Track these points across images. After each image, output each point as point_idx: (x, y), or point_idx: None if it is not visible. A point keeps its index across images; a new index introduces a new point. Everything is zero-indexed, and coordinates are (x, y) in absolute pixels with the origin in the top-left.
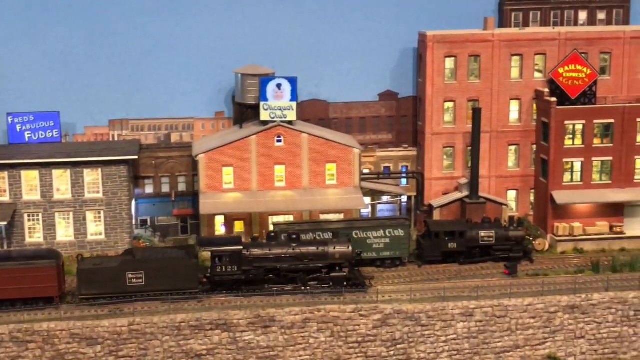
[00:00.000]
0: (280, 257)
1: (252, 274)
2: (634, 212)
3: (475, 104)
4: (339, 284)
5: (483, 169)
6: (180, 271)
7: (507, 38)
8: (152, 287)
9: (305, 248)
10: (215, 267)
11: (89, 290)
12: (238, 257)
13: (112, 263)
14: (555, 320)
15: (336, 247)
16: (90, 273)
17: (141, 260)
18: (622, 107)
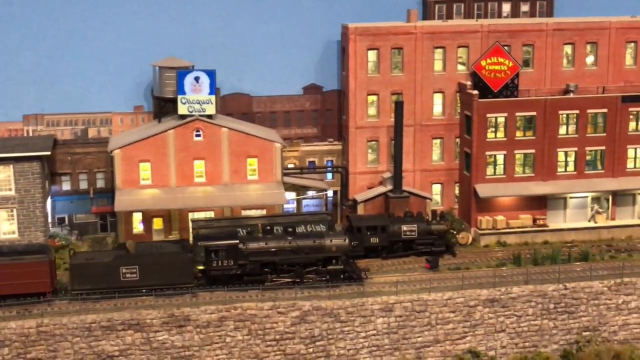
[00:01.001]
0: (276, 250)
1: (248, 268)
2: (557, 205)
3: (399, 97)
4: (335, 276)
5: (407, 162)
6: (175, 266)
7: (429, 30)
8: (146, 282)
9: (302, 241)
10: (212, 262)
11: (81, 285)
12: (234, 251)
13: (105, 257)
14: (475, 314)
15: (333, 240)
16: (83, 268)
17: (135, 254)
18: (544, 100)
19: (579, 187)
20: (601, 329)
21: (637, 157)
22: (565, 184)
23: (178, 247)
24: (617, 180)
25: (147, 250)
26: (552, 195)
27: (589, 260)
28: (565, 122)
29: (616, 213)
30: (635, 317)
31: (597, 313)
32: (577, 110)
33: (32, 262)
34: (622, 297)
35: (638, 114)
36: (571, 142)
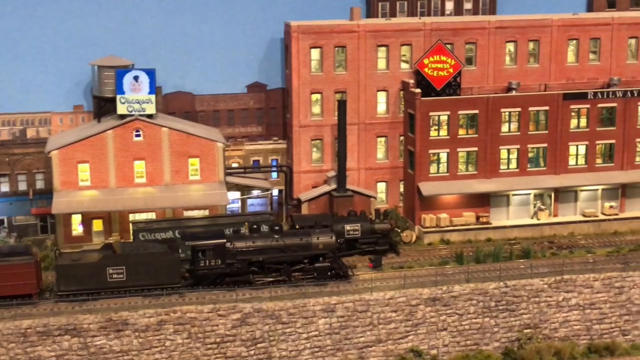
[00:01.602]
0: (264, 249)
1: (236, 267)
2: (500, 202)
3: (343, 95)
4: (323, 274)
5: (352, 161)
6: (162, 266)
7: (372, 28)
8: (133, 282)
9: (289, 239)
10: (199, 262)
11: (68, 287)
12: (222, 251)
13: (92, 258)
14: (417, 313)
15: (319, 238)
16: (69, 268)
17: (122, 255)
18: (486, 98)
19: (522, 184)
20: (542, 326)
21: (578, 154)
22: (507, 181)
23: (165, 247)
24: (559, 177)
25: (134, 251)
26: (494, 193)
27: (531, 257)
28: (507, 120)
29: (558, 210)
30: (575, 314)
31: (538, 310)
32: (519, 108)
33: (18, 264)
34: (563, 294)
35: (579, 111)
36: (513, 140)
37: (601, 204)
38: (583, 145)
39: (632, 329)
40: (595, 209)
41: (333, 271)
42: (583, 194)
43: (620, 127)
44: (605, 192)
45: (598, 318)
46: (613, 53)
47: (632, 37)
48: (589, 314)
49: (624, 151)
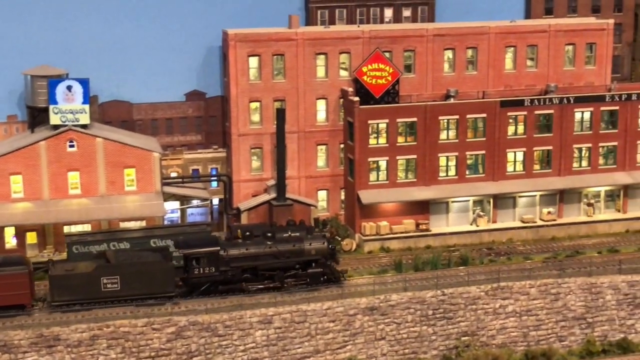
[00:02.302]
0: (257, 255)
1: (229, 275)
2: (439, 209)
3: (282, 103)
4: (315, 279)
5: (292, 169)
6: (156, 275)
7: (311, 36)
8: (127, 292)
9: (282, 245)
10: (193, 269)
11: (61, 297)
12: (215, 258)
13: (85, 268)
14: (355, 323)
15: (312, 243)
16: (63, 279)
17: (116, 264)
18: (424, 106)
19: (461, 191)
20: (479, 334)
21: (516, 161)
22: (447, 188)
23: (159, 256)
24: (497, 184)
25: (129, 260)
26: (434, 200)
27: (469, 264)
28: (446, 128)
29: (497, 216)
30: (512, 321)
31: (475, 318)
32: (457, 115)
33: (12, 274)
34: (499, 302)
35: (517, 118)
36: (452, 147)
37: (539, 210)
38: (521, 151)
39: (569, 335)
40: (533, 215)
41: (325, 276)
42: (521, 200)
43: (557, 133)
44: (543, 198)
45: (535, 324)
46: (550, 60)
47: (569, 43)
48: (526, 320)
49: (561, 157)
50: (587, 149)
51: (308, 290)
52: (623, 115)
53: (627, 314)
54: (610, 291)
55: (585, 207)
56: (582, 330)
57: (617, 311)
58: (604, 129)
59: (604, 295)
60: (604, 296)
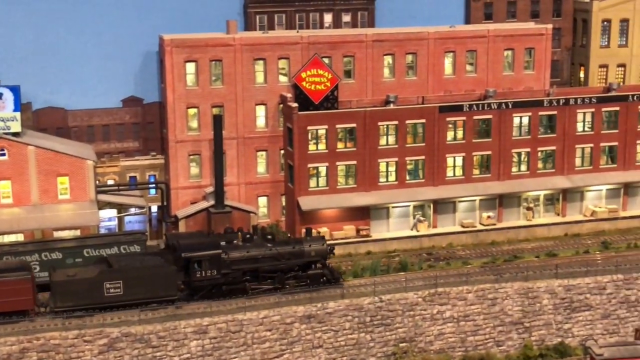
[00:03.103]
0: (258, 258)
1: (231, 277)
2: (380, 215)
3: (221, 109)
4: (316, 281)
5: (232, 176)
6: (159, 279)
7: (249, 42)
8: (130, 296)
9: (282, 247)
10: (195, 272)
11: (64, 303)
12: (217, 261)
13: (88, 273)
14: (292, 331)
15: (312, 245)
16: (66, 284)
17: (119, 269)
18: (363, 112)
19: (401, 196)
20: (417, 340)
21: (456, 166)
22: (387, 194)
23: (162, 260)
24: (437, 189)
25: (131, 264)
26: (374, 206)
27: (408, 270)
28: (385, 133)
29: (437, 221)
30: (450, 327)
31: (413, 324)
32: (396, 121)
33: (15, 280)
34: (437, 307)
35: (456, 123)
36: (392, 153)
37: (479, 214)
38: (460, 156)
39: (506, 340)
40: (473, 219)
41: (324, 278)
42: (461, 205)
43: (496, 138)
44: (483, 203)
45: (472, 330)
46: (490, 65)
47: (508, 48)
48: (464, 326)
49: (500, 162)
50: (526, 154)
51: (309, 290)
52: (561, 120)
53: (563, 318)
54: (547, 295)
55: (524, 211)
56: (519, 335)
57: (554, 315)
58: (542, 134)
59: (540, 299)
60: (540, 300)
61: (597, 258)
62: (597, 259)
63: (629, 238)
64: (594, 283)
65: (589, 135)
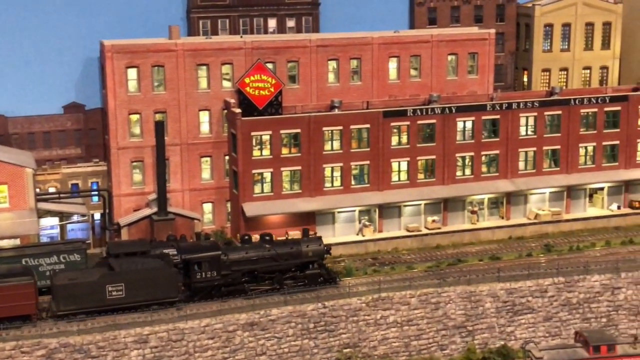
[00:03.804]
0: (257, 259)
1: (230, 278)
2: (326, 220)
3: (164, 115)
4: (313, 280)
5: (176, 182)
6: (160, 281)
7: (191, 47)
8: (132, 299)
9: (280, 248)
10: (195, 274)
11: (67, 306)
12: (217, 262)
13: (90, 277)
14: (235, 339)
15: (309, 245)
16: (68, 288)
17: (121, 272)
18: (308, 117)
19: (346, 201)
20: (361, 345)
21: (401, 171)
22: (332, 199)
23: (162, 263)
24: (382, 194)
25: (133, 267)
26: (320, 211)
27: (353, 275)
28: (330, 138)
29: (383, 225)
30: (394, 332)
31: (357, 329)
32: (340, 126)
33: (18, 285)
34: (381, 312)
35: (400, 128)
36: (337, 158)
37: (424, 218)
38: (405, 161)
39: (450, 344)
40: (418, 223)
41: (322, 277)
42: (407, 209)
43: (440, 142)
44: (428, 207)
45: (416, 334)
46: (434, 69)
47: (451, 53)
48: (407, 330)
49: (444, 166)
50: (470, 158)
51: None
52: (504, 124)
53: (506, 321)
54: (490, 299)
55: (469, 214)
56: (462, 339)
57: (497, 319)
58: (486, 138)
59: (483, 303)
60: (483, 304)
61: (542, 261)
62: (541, 261)
63: (572, 240)
64: (536, 286)
65: (532, 139)
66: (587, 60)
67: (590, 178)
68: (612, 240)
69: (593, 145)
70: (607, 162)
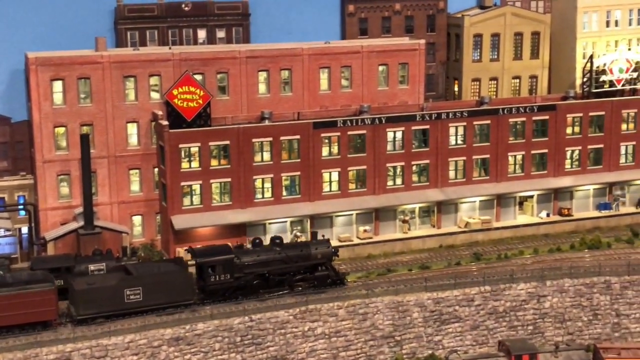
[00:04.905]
0: (268, 261)
1: (243, 281)
2: (257, 231)
3: (90, 128)
4: (323, 282)
5: (104, 195)
6: (176, 284)
7: (118, 59)
8: (150, 302)
9: (290, 251)
10: (210, 277)
11: (87, 310)
12: (230, 265)
13: (108, 281)
14: (161, 355)
15: (318, 248)
16: (88, 293)
17: (138, 276)
18: (237, 128)
19: (277, 213)
20: (289, 357)
21: (332, 181)
22: (263, 210)
23: (177, 266)
24: (314, 204)
25: (149, 271)
26: (251, 223)
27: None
28: (260, 150)
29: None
30: (321, 343)
31: (285, 342)
32: (270, 137)
33: (40, 291)
34: (308, 324)
35: (330, 139)
36: (267, 169)
37: (356, 228)
38: (336, 171)
39: (378, 354)
40: (350, 233)
41: (330, 279)
42: (338, 220)
43: (370, 153)
44: (359, 217)
45: (344, 345)
46: (364, 80)
47: (382, 64)
48: (335, 342)
49: (375, 176)
50: (400, 168)
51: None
52: (434, 134)
53: (434, 331)
54: (417, 309)
55: (400, 224)
56: (390, 349)
57: (424, 328)
58: (416, 148)
59: (411, 313)
60: (411, 314)
61: (473, 269)
62: (472, 270)
63: (501, 249)
64: (463, 295)
65: (462, 148)
66: (517, 69)
67: (520, 186)
68: (541, 247)
69: (522, 154)
70: (536, 171)
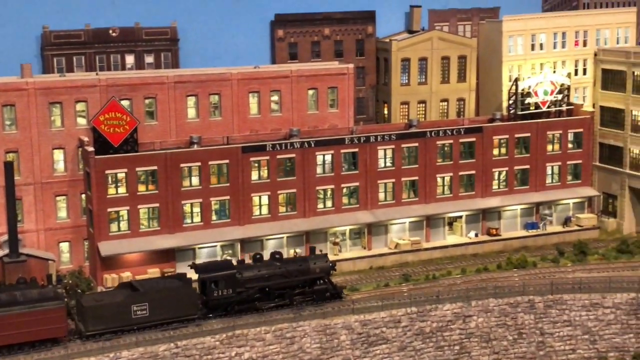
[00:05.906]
0: (269, 276)
1: (245, 295)
2: (186, 256)
3: (15, 155)
4: (321, 295)
5: (30, 222)
6: (181, 299)
7: (43, 86)
8: (156, 317)
9: (290, 265)
10: (213, 292)
11: (95, 326)
12: (233, 280)
13: (115, 297)
14: None
15: (316, 262)
16: (96, 309)
17: (144, 292)
18: (164, 154)
19: (207, 237)
20: None
21: (262, 205)
22: (192, 235)
23: (181, 282)
24: (244, 228)
25: (155, 287)
26: (180, 248)
27: None
28: (188, 174)
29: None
30: None
31: None
32: (199, 162)
33: (50, 309)
34: (235, 350)
35: (260, 162)
36: (196, 194)
37: (287, 251)
38: (265, 195)
39: None
40: None
41: (328, 293)
42: (269, 243)
43: (300, 176)
44: (290, 240)
45: None
46: (294, 104)
47: (311, 88)
48: None
49: (305, 199)
50: (330, 190)
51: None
52: (363, 157)
53: (361, 353)
54: (345, 331)
55: (331, 246)
56: None
57: (352, 350)
58: (346, 171)
59: (338, 335)
60: (338, 337)
61: (404, 290)
62: (403, 290)
63: (430, 269)
64: (390, 317)
65: (391, 170)
66: (444, 92)
67: (448, 207)
68: (468, 267)
69: (450, 175)
70: (464, 192)
